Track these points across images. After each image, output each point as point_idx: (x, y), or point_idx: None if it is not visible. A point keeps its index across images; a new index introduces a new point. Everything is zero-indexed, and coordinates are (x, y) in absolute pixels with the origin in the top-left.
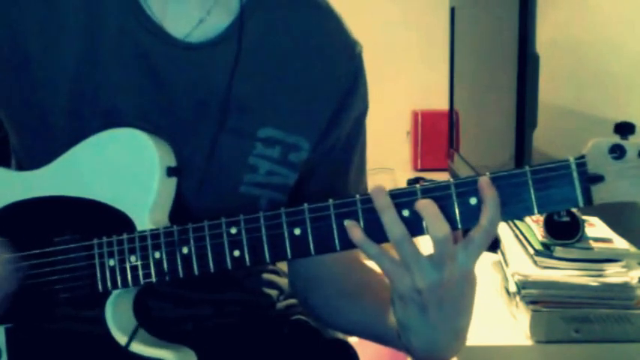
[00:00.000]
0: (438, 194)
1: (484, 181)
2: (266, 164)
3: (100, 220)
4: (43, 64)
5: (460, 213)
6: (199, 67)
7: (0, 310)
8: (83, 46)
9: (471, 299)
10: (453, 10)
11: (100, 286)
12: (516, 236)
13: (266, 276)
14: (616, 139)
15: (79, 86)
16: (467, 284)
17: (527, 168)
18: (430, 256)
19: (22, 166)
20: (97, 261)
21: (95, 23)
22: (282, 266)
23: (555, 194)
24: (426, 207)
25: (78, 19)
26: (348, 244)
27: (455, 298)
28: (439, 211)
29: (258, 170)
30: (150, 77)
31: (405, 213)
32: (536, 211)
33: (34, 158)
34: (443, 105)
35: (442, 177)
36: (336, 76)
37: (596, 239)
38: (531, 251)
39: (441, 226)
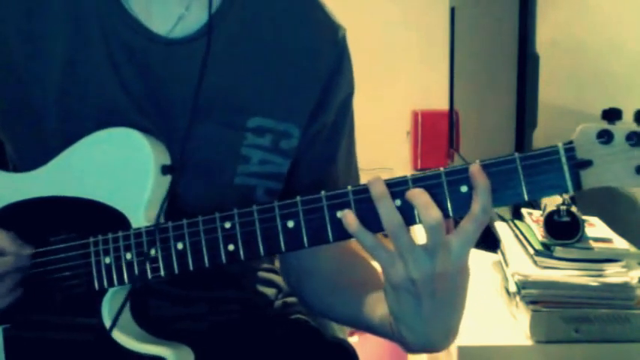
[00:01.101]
0: (429, 183)
1: (475, 169)
2: (258, 153)
3: (96, 218)
4: (29, 72)
5: (451, 201)
6: (184, 62)
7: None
8: (68, 49)
9: (464, 293)
10: (453, 10)
11: (96, 284)
12: (516, 236)
13: (264, 274)
14: (604, 124)
15: (67, 89)
16: (460, 277)
17: (516, 155)
18: (424, 246)
19: (18, 172)
20: (92, 259)
21: (79, 27)
22: None
23: (545, 180)
24: (418, 196)
25: (61, 24)
26: (341, 235)
27: (449, 290)
28: (431, 199)
29: (251, 160)
30: (139, 75)
31: (397, 202)
32: (526, 197)
33: (29, 164)
34: (443, 105)
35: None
36: (320, 61)
37: (596, 239)
38: (531, 251)
39: (433, 214)
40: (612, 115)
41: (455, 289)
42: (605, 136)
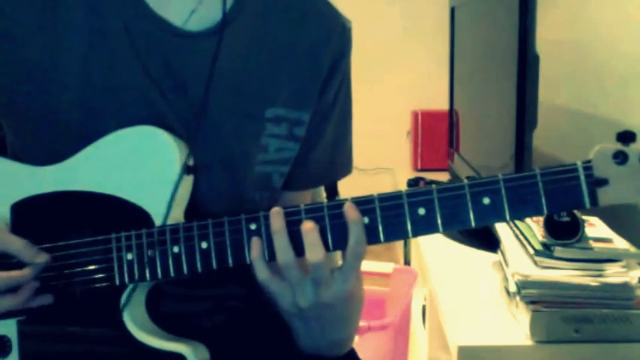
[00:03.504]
0: (453, 194)
1: (348, 206)
2: (276, 142)
3: (119, 215)
4: (47, 67)
5: (474, 212)
6: (201, 55)
7: None
8: (87, 42)
9: (353, 314)
10: (453, 10)
11: (117, 280)
12: (516, 236)
13: None
14: (619, 145)
15: (88, 82)
16: (348, 303)
17: (537, 170)
18: (310, 279)
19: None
20: (114, 255)
21: (97, 19)
22: None
23: (563, 196)
24: (308, 232)
25: (79, 17)
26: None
27: (335, 315)
28: (319, 238)
29: (269, 149)
30: (161, 66)
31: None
32: (545, 211)
33: (42, 157)
34: (443, 105)
35: (442, 177)
36: (328, 50)
37: (596, 239)
38: (531, 251)
39: (318, 253)
40: (626, 137)
41: (341, 315)
42: (620, 157)
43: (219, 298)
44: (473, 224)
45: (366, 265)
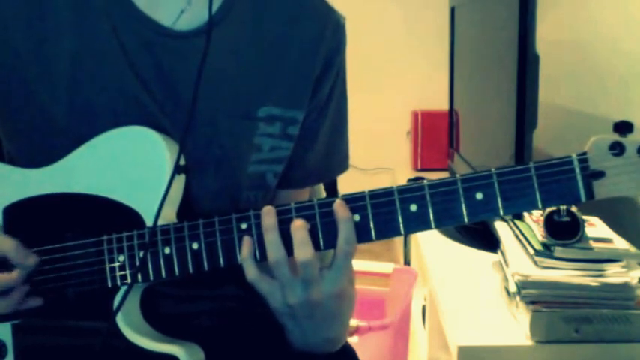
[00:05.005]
0: (445, 189)
1: (337, 204)
2: (269, 141)
3: (111, 216)
4: (37, 72)
5: (467, 208)
6: (191, 55)
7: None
8: (76, 45)
9: (345, 312)
10: (453, 10)
11: (109, 282)
12: (516, 236)
13: None
14: (615, 136)
15: (78, 84)
16: (339, 301)
17: (531, 164)
18: (300, 277)
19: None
20: (106, 257)
21: (86, 22)
22: None
23: (558, 189)
24: (297, 230)
25: (67, 16)
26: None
27: (326, 314)
28: (308, 236)
29: (262, 148)
30: (152, 66)
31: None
32: (540, 205)
33: (36, 161)
34: (443, 105)
35: (442, 177)
36: (321, 49)
37: (596, 239)
38: (531, 251)
39: (307, 251)
40: (623, 127)
41: (332, 313)
42: (617, 148)
43: (215, 298)
44: (466, 220)
45: (366, 265)
